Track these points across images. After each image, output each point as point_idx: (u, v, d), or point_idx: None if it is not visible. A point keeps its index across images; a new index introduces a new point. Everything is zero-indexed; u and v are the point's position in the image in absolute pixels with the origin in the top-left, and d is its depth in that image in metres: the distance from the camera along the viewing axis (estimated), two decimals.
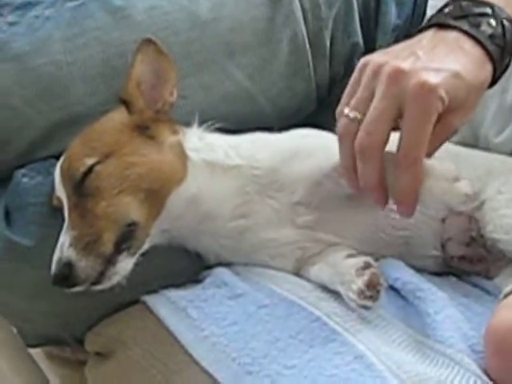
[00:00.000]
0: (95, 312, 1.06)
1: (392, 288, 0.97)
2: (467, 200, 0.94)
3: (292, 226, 1.03)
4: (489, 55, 0.89)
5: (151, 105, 1.04)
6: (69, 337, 1.12)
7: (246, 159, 1.04)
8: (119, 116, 1.04)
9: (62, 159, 1.01)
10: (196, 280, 1.05)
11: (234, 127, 1.08)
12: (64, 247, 0.94)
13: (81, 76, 1.07)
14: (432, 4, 1.22)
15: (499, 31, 0.90)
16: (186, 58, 1.11)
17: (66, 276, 0.93)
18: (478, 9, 0.91)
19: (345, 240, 1.03)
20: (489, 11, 0.91)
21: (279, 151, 1.05)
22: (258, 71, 1.16)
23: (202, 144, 1.06)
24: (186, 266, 1.06)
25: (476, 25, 0.90)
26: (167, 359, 0.95)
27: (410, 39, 0.93)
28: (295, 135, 1.08)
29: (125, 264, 0.96)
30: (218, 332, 0.91)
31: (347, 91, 0.91)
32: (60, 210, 0.99)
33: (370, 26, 1.26)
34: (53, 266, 0.93)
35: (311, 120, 1.17)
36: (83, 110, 1.07)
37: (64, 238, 0.95)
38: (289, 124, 1.13)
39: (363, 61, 0.90)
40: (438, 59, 0.87)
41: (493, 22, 0.90)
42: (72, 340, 1.12)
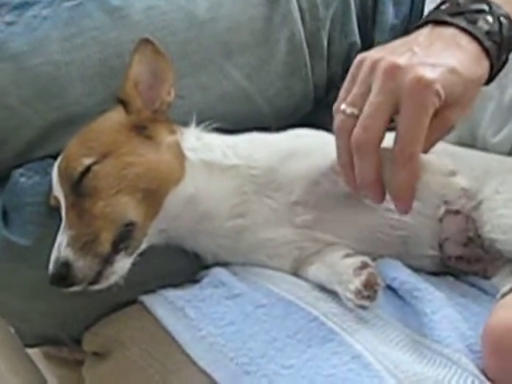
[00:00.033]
0: (93, 312, 1.06)
1: (389, 288, 0.97)
2: (464, 194, 0.94)
3: (290, 226, 1.03)
4: (485, 51, 0.89)
5: (149, 105, 1.04)
6: (66, 337, 1.12)
7: (244, 159, 1.04)
8: (117, 116, 1.04)
9: (60, 159, 1.01)
10: (194, 280, 1.05)
11: (232, 127, 1.08)
12: (61, 247, 0.94)
13: (78, 76, 1.07)
14: (430, 3, 1.22)
15: (496, 28, 0.90)
16: (184, 58, 1.11)
17: (64, 276, 0.92)
18: (475, 5, 0.91)
19: (342, 240, 1.02)
20: (486, 8, 0.91)
21: (277, 151, 1.05)
22: (256, 71, 1.16)
23: (200, 144, 1.06)
24: (184, 266, 1.06)
25: (473, 21, 0.90)
26: (165, 359, 0.95)
27: (407, 36, 0.93)
28: (293, 135, 1.08)
29: (122, 264, 0.96)
30: (216, 332, 0.91)
31: (344, 87, 0.91)
32: (57, 210, 0.99)
33: (368, 26, 1.26)
34: (50, 266, 0.93)
35: (309, 120, 1.17)
36: (81, 110, 1.07)
37: (61, 238, 0.95)
38: (286, 124, 1.13)
39: (360, 57, 0.90)
40: (435, 55, 0.87)
41: (490, 19, 0.91)
42: (70, 340, 1.12)
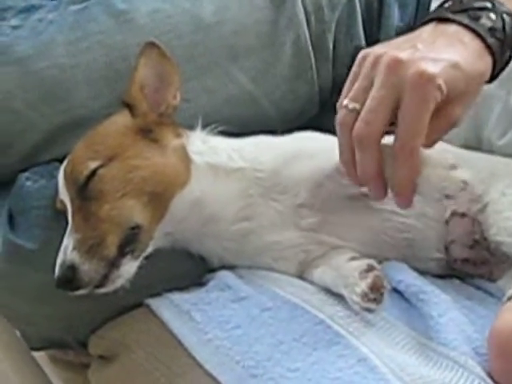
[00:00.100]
0: (99, 315, 1.06)
1: (395, 290, 0.97)
2: (465, 187, 0.93)
3: (295, 229, 1.03)
4: (488, 48, 0.89)
5: (154, 108, 1.04)
6: (72, 340, 1.12)
7: (250, 162, 1.04)
8: (122, 119, 1.04)
9: (66, 162, 1.02)
10: (199, 283, 1.05)
11: (238, 130, 1.08)
12: (67, 250, 0.94)
13: (84, 79, 1.07)
14: (435, 6, 1.22)
15: (499, 25, 0.90)
16: (190, 62, 1.11)
17: (70, 279, 0.92)
18: (478, 3, 0.91)
19: (348, 242, 1.02)
20: (489, 5, 0.91)
21: (282, 153, 1.05)
22: (262, 74, 1.16)
23: (206, 147, 1.06)
24: (190, 269, 1.06)
25: (476, 18, 0.90)
26: (171, 362, 0.95)
27: (411, 33, 0.93)
28: (298, 138, 1.08)
29: (128, 267, 0.96)
30: (222, 335, 0.91)
31: (347, 83, 0.91)
32: (63, 213, 0.99)
33: (373, 29, 1.26)
34: (56, 269, 0.93)
35: (314, 123, 1.16)
36: (86, 114, 1.07)
37: (67, 241, 0.95)
38: (292, 127, 1.13)
39: (362, 53, 0.90)
40: (437, 50, 0.87)
41: (493, 16, 0.91)
42: (75, 343, 1.12)
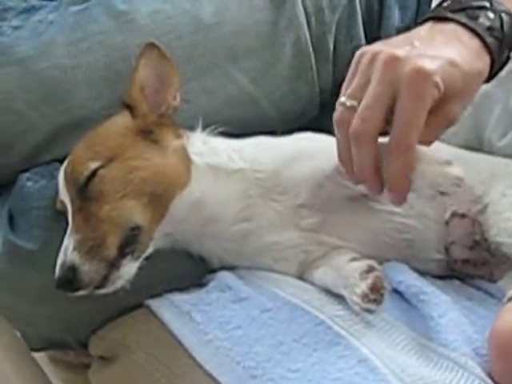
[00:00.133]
0: (99, 316, 1.06)
1: (396, 291, 0.97)
2: (458, 183, 0.92)
3: (295, 229, 1.03)
4: (486, 47, 0.89)
5: (155, 109, 1.04)
6: (73, 340, 1.12)
7: (250, 163, 1.05)
8: (123, 120, 1.04)
9: (66, 163, 1.02)
10: (200, 284, 1.05)
11: (238, 131, 1.08)
12: (68, 251, 0.94)
13: (84, 80, 1.07)
14: None
15: (497, 24, 0.90)
16: (190, 62, 1.11)
17: (70, 280, 0.93)
18: (477, 2, 0.91)
19: (348, 243, 1.02)
20: (487, 4, 0.91)
21: (282, 154, 1.05)
22: (262, 75, 1.16)
23: (206, 148, 1.06)
24: (190, 270, 1.06)
25: (474, 17, 0.90)
26: (171, 363, 0.95)
27: (409, 32, 0.93)
28: (298, 139, 1.08)
29: (128, 268, 0.96)
30: (222, 336, 0.91)
31: (346, 81, 0.91)
32: (64, 214, 0.99)
33: (373, 30, 1.26)
34: (57, 270, 0.93)
35: (314, 124, 1.16)
36: (87, 114, 1.07)
37: (68, 242, 0.95)
38: (292, 128, 1.13)
39: (360, 51, 0.90)
40: (435, 48, 0.86)
41: (491, 15, 0.90)
42: (76, 344, 1.12)
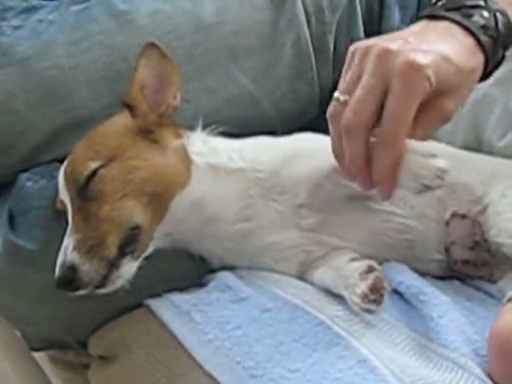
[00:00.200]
0: (99, 315, 1.06)
1: (395, 292, 0.97)
2: (442, 175, 0.92)
3: (296, 229, 1.03)
4: (480, 46, 0.89)
5: (155, 109, 1.04)
6: (72, 340, 1.12)
7: (250, 162, 1.05)
8: (123, 120, 1.04)
9: (66, 163, 1.02)
10: (200, 284, 1.05)
11: (238, 131, 1.08)
12: (68, 251, 0.94)
13: (84, 80, 1.07)
14: None
15: (492, 23, 0.90)
16: (190, 62, 1.11)
17: (70, 279, 0.93)
18: (471, 1, 0.92)
19: (348, 243, 1.02)
20: (482, 3, 0.92)
21: (282, 154, 1.05)
22: (262, 75, 1.16)
23: (206, 148, 1.06)
24: (190, 270, 1.06)
25: (468, 16, 0.90)
26: (171, 363, 0.95)
27: (403, 29, 0.93)
28: (298, 138, 1.09)
29: (128, 267, 0.96)
30: (222, 336, 0.91)
31: (342, 77, 0.91)
32: (64, 214, 0.99)
33: (374, 30, 1.25)
34: (57, 270, 0.93)
35: (314, 124, 1.16)
36: (87, 114, 1.07)
37: (68, 242, 0.95)
38: (292, 128, 1.13)
39: (353, 46, 0.90)
40: (428, 43, 0.87)
41: (485, 14, 0.91)
42: (75, 343, 1.12)
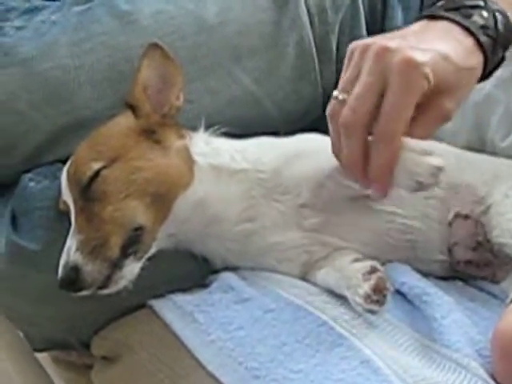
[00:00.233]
0: (102, 316, 1.06)
1: (398, 292, 0.97)
2: (438, 173, 0.91)
3: (298, 229, 1.03)
4: (480, 46, 0.89)
5: (158, 109, 1.04)
6: (75, 341, 1.12)
7: (252, 163, 1.04)
8: (126, 120, 1.04)
9: (69, 163, 1.01)
10: (203, 284, 1.05)
11: (240, 131, 1.08)
12: (71, 251, 0.94)
13: (87, 80, 1.07)
14: None
15: (491, 23, 0.91)
16: (193, 63, 1.11)
17: (73, 280, 0.92)
18: (471, 1, 0.92)
19: (351, 244, 1.02)
20: (481, 3, 0.92)
21: (284, 154, 1.05)
22: (265, 75, 1.16)
23: (209, 148, 1.06)
24: (193, 271, 1.06)
25: (467, 16, 0.90)
26: (174, 363, 0.95)
27: (402, 29, 0.93)
28: (301, 139, 1.09)
29: (131, 268, 0.96)
30: (225, 336, 0.91)
31: (341, 76, 0.91)
32: (66, 214, 0.99)
33: (377, 31, 1.24)
34: (59, 270, 0.93)
35: (317, 125, 1.16)
36: (90, 115, 1.07)
37: (71, 242, 0.95)
38: (295, 128, 1.13)
39: (352, 45, 0.90)
40: (427, 42, 0.87)
41: (485, 14, 0.91)
42: (78, 344, 1.12)
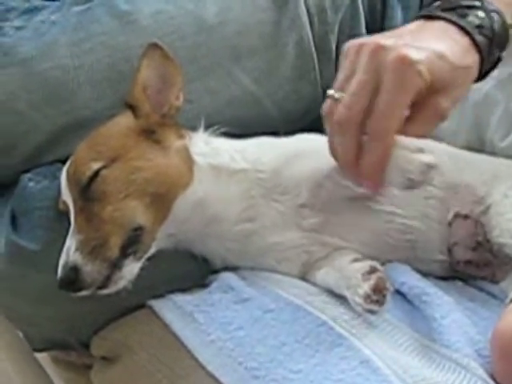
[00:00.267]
0: (101, 316, 1.06)
1: (398, 292, 0.96)
2: (428, 170, 0.91)
3: (298, 229, 1.03)
4: (476, 45, 0.90)
5: (157, 109, 1.04)
6: (75, 341, 1.12)
7: (252, 163, 1.04)
8: (125, 120, 1.04)
9: (68, 163, 1.01)
10: (202, 284, 1.05)
11: (240, 131, 1.08)
12: (70, 251, 0.94)
13: (87, 80, 1.07)
14: None
15: (487, 23, 0.91)
16: (192, 63, 1.11)
17: (72, 280, 0.92)
18: (467, 1, 0.92)
19: (350, 244, 1.02)
20: (477, 4, 0.92)
21: (283, 153, 1.05)
22: (264, 75, 1.16)
23: (208, 148, 1.06)
24: (193, 271, 1.06)
25: (463, 16, 0.91)
26: (173, 364, 0.95)
27: (398, 28, 0.93)
28: (301, 139, 1.09)
29: (131, 268, 0.96)
30: (225, 336, 0.91)
31: (337, 75, 0.91)
32: (66, 215, 0.99)
33: (376, 30, 1.24)
34: (59, 270, 0.93)
35: (317, 125, 1.16)
36: (89, 115, 1.07)
37: (70, 242, 0.95)
38: (295, 128, 1.12)
39: (347, 44, 0.91)
40: (423, 40, 0.87)
41: (481, 14, 0.91)
42: (78, 344, 1.12)
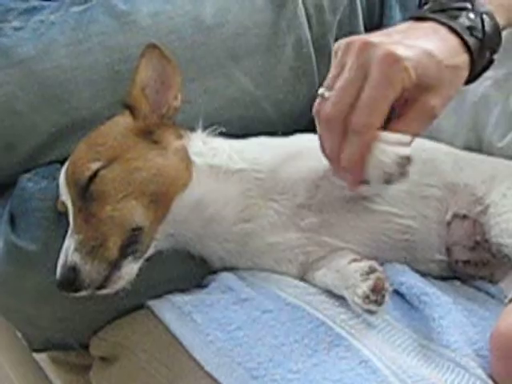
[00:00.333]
0: (100, 317, 1.06)
1: (397, 292, 0.97)
2: (404, 164, 0.89)
3: (296, 230, 1.03)
4: (466, 46, 0.90)
5: (156, 109, 1.04)
6: (74, 341, 1.12)
7: (250, 163, 1.05)
8: (124, 121, 1.04)
9: (67, 164, 1.02)
10: (201, 285, 1.05)
11: (239, 132, 1.08)
12: (69, 252, 0.94)
13: (85, 80, 1.07)
14: None
15: (478, 24, 0.91)
16: (191, 63, 1.11)
17: (71, 280, 0.92)
18: (458, 4, 0.93)
19: (349, 244, 1.02)
20: (468, 6, 0.92)
21: (281, 154, 1.05)
22: (263, 76, 1.16)
23: (207, 148, 1.06)
24: (191, 271, 1.06)
25: (454, 17, 0.91)
26: (172, 364, 0.95)
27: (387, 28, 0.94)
28: (298, 139, 1.09)
29: (130, 269, 0.96)
30: (223, 337, 0.91)
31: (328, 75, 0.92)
32: (65, 215, 0.99)
33: (374, 31, 1.25)
34: (58, 271, 0.93)
35: (315, 126, 1.16)
36: (88, 115, 1.07)
37: (69, 243, 0.95)
38: (293, 129, 1.13)
39: (337, 43, 0.91)
40: (412, 39, 0.88)
41: (471, 16, 0.91)
42: (77, 345, 1.12)
